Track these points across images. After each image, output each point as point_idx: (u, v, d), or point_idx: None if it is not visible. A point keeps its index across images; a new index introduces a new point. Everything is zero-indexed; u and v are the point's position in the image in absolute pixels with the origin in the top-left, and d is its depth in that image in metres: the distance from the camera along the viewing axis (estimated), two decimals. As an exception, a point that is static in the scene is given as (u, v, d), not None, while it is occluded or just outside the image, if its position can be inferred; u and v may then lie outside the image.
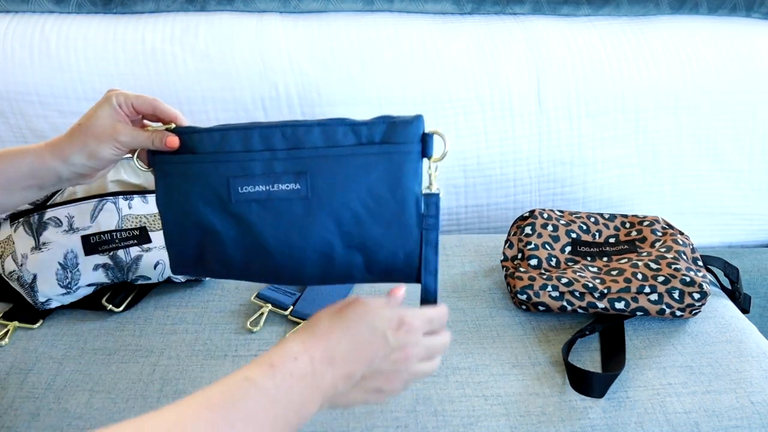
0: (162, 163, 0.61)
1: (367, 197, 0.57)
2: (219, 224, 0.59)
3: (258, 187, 0.58)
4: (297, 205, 0.58)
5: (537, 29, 1.17)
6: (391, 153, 0.57)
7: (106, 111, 0.60)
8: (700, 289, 0.79)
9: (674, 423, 0.67)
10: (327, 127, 0.57)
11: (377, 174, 0.57)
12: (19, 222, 0.78)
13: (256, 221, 0.58)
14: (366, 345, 0.51)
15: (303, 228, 0.58)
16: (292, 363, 0.47)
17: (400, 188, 0.57)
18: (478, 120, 1.12)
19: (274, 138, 0.58)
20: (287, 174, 0.57)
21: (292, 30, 1.12)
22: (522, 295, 0.81)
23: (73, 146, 0.60)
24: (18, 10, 1.11)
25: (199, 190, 0.59)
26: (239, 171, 0.58)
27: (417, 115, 0.58)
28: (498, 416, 0.67)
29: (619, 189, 1.21)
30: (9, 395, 0.68)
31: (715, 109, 1.17)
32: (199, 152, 0.59)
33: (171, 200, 0.61)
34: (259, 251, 0.60)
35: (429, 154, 0.58)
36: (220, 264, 0.62)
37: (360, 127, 0.57)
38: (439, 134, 0.57)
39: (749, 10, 1.23)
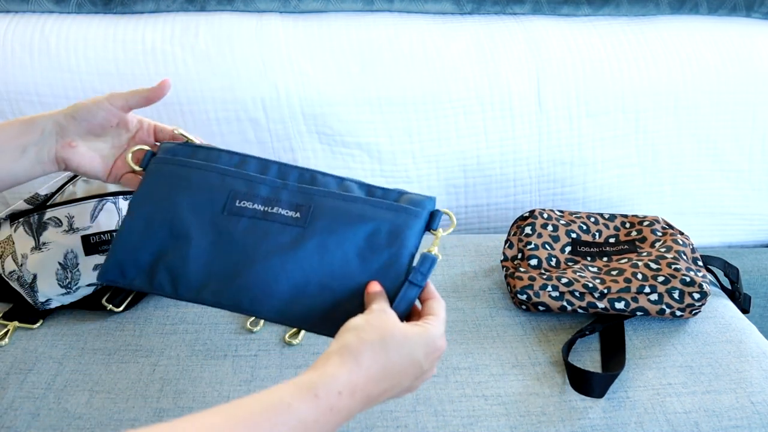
0: (161, 164, 0.61)
1: (363, 243, 0.58)
2: (195, 231, 0.59)
3: (257, 205, 0.59)
4: (288, 232, 0.58)
5: (537, 29, 1.16)
6: (399, 211, 0.59)
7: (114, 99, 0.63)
8: (700, 289, 0.79)
9: (674, 423, 0.67)
10: (344, 180, 0.61)
11: (380, 224, 0.58)
12: (19, 222, 0.78)
13: (240, 237, 0.58)
14: (402, 376, 0.50)
15: (285, 256, 0.57)
16: (335, 398, 0.45)
17: (398, 242, 0.58)
18: (478, 120, 1.12)
19: (291, 174, 0.61)
20: (291, 203, 0.59)
21: (292, 30, 1.12)
22: (522, 295, 0.81)
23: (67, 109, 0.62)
24: (18, 10, 1.12)
25: (192, 194, 0.60)
26: (244, 188, 0.60)
27: (431, 196, 0.61)
28: (498, 416, 0.67)
29: (619, 189, 1.21)
30: (9, 395, 0.68)
31: (715, 109, 1.17)
32: (213, 163, 0.61)
33: (153, 196, 0.61)
34: (227, 270, 0.58)
35: (433, 227, 0.60)
36: (170, 277, 0.59)
37: (375, 189, 0.60)
38: (448, 214, 0.60)
39: (749, 10, 1.23)
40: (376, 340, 0.49)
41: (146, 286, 0.60)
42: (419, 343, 0.51)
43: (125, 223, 0.60)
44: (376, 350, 0.49)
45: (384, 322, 0.51)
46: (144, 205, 0.60)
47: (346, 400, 0.46)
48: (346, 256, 0.58)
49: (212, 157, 0.62)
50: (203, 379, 0.71)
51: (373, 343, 0.49)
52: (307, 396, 0.44)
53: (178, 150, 0.63)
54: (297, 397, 0.44)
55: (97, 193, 0.81)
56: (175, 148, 0.63)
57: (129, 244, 0.60)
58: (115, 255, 0.60)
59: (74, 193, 0.80)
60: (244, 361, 0.74)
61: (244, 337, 0.78)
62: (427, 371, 0.52)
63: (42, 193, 0.79)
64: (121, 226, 0.61)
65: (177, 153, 0.63)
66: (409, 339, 0.50)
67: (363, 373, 0.47)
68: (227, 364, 0.74)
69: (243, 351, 0.76)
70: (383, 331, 0.50)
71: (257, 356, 0.75)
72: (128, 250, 0.60)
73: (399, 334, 0.50)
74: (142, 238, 0.60)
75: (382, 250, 0.58)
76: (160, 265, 0.60)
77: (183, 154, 0.63)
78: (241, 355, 0.75)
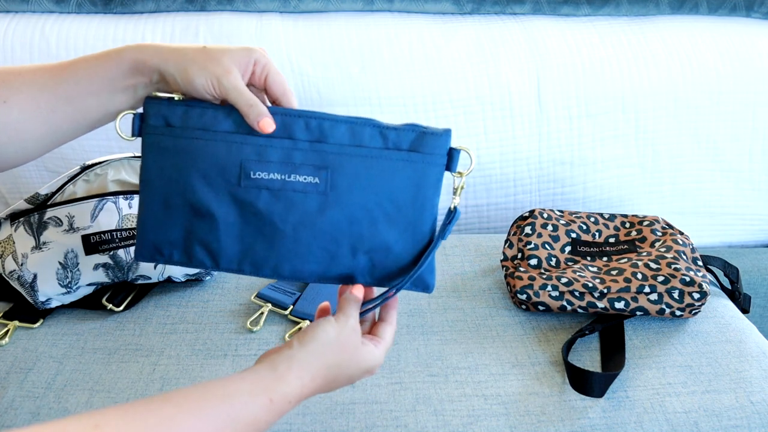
0: (157, 135, 0.57)
1: (387, 202, 0.57)
2: (218, 209, 0.56)
3: (273, 174, 0.56)
4: (312, 199, 0.56)
5: (537, 29, 1.17)
6: (416, 162, 0.57)
7: (239, 53, 0.56)
8: (700, 289, 0.79)
9: (674, 423, 0.67)
10: (354, 126, 0.56)
11: (400, 180, 0.57)
12: (20, 222, 0.79)
13: (265, 209, 0.56)
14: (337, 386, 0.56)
15: (314, 223, 0.57)
16: (286, 406, 0.51)
17: (421, 197, 0.58)
18: (478, 120, 1.12)
19: (296, 127, 0.56)
20: (307, 166, 0.56)
21: (292, 30, 1.12)
22: (522, 295, 0.81)
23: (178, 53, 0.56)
24: (18, 10, 1.12)
25: (202, 169, 0.56)
26: (254, 156, 0.56)
27: (446, 128, 0.58)
28: (498, 416, 0.67)
29: (619, 189, 1.21)
30: (9, 395, 0.68)
31: (715, 109, 1.17)
32: (212, 130, 0.56)
33: (162, 176, 0.57)
34: (260, 242, 0.57)
35: (453, 169, 0.58)
36: (206, 253, 0.58)
37: (388, 132, 0.57)
38: (466, 150, 0.58)
39: (749, 10, 1.23)
40: (336, 362, 0.54)
41: (186, 261, 0.59)
42: (365, 366, 0.57)
43: (143, 203, 0.58)
44: (330, 371, 0.54)
45: (349, 343, 0.55)
46: (155, 184, 0.57)
47: (291, 406, 0.52)
48: (372, 218, 0.57)
49: (208, 121, 0.56)
50: (203, 378, 0.71)
51: (332, 366, 0.54)
52: (263, 399, 0.49)
53: (169, 114, 0.57)
54: (255, 397, 0.49)
55: (98, 193, 0.81)
56: (165, 110, 0.57)
57: (154, 224, 0.58)
58: (144, 235, 0.59)
59: (74, 192, 0.80)
60: (244, 361, 0.74)
61: (244, 337, 0.78)
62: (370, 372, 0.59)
63: (42, 193, 0.79)
64: (140, 204, 0.58)
65: (169, 118, 0.57)
66: (359, 361, 0.56)
67: (312, 388, 0.53)
68: (227, 364, 0.74)
69: (243, 351, 0.76)
70: (346, 353, 0.55)
71: (257, 356, 0.74)
72: (155, 230, 0.58)
73: (354, 359, 0.56)
74: (165, 218, 0.58)
75: (407, 207, 0.58)
76: (194, 242, 0.58)
77: (176, 119, 0.56)
78: (241, 355, 0.75)
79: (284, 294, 0.83)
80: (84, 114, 0.58)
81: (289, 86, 0.59)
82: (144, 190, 0.58)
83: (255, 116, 0.55)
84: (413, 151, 0.57)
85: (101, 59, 0.57)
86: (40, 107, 0.56)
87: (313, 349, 0.53)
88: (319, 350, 0.53)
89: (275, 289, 0.84)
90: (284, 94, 0.58)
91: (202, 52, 0.55)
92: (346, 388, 0.69)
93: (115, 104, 0.58)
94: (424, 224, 0.58)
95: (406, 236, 0.58)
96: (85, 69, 0.57)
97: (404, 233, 0.58)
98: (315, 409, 0.67)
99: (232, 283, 0.87)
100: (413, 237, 0.59)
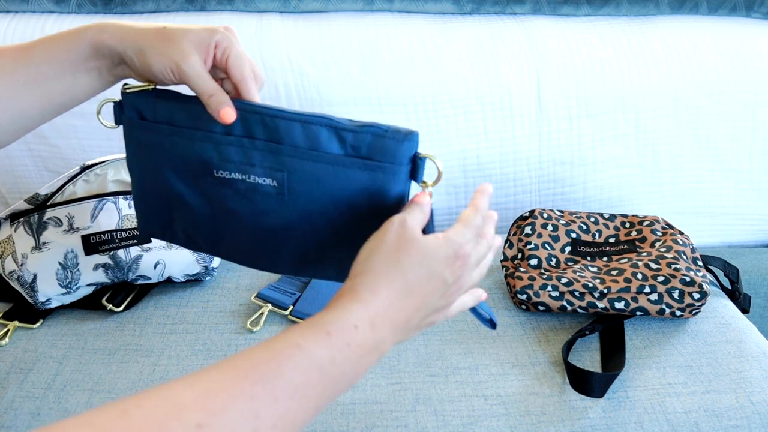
0: (132, 128, 0.56)
1: (347, 211, 0.53)
2: (191, 199, 0.56)
3: (234, 174, 0.54)
4: (273, 201, 0.54)
5: (537, 29, 1.16)
6: (374, 170, 0.51)
7: (200, 36, 0.52)
8: (700, 289, 0.79)
9: (674, 423, 0.67)
10: (310, 126, 0.51)
11: (358, 190, 0.52)
12: (19, 222, 0.78)
13: (231, 205, 0.55)
14: (426, 293, 0.47)
15: (277, 222, 0.55)
16: (351, 332, 0.42)
17: (384, 207, 0.52)
18: (478, 120, 1.12)
19: (255, 125, 0.53)
20: (264, 168, 0.53)
21: (292, 30, 1.12)
22: (522, 295, 0.81)
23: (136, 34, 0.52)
24: (18, 10, 1.12)
25: (172, 163, 0.55)
26: (215, 155, 0.54)
27: (410, 132, 0.50)
28: (498, 416, 0.67)
29: (619, 189, 1.21)
30: (9, 395, 0.68)
31: (715, 109, 1.17)
32: (176, 125, 0.54)
33: (139, 167, 0.58)
34: (231, 233, 0.57)
35: (418, 179, 0.52)
36: (188, 234, 0.59)
37: (345, 134, 0.51)
38: (431, 158, 0.50)
39: (749, 10, 1.23)
40: (389, 261, 0.46)
41: (183, 244, 0.61)
42: (438, 254, 0.47)
43: (133, 187, 0.60)
44: (390, 270, 0.45)
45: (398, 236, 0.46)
46: (135, 172, 0.59)
47: (366, 333, 0.42)
48: (333, 225, 0.54)
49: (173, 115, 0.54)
50: (203, 378, 0.71)
51: (387, 266, 0.45)
52: (318, 334, 0.41)
53: (141, 105, 0.55)
54: (308, 337, 0.41)
55: (97, 193, 0.81)
56: (137, 101, 0.56)
57: (144, 207, 0.60)
58: (138, 216, 0.61)
59: (74, 193, 0.80)
60: (244, 360, 0.74)
61: (244, 337, 0.77)
62: (454, 284, 0.48)
63: (42, 193, 0.79)
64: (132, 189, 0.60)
65: (142, 110, 0.56)
66: (425, 251, 0.46)
67: (380, 302, 0.44)
68: (227, 363, 0.73)
69: (243, 351, 0.75)
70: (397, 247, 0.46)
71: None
72: (146, 214, 0.60)
73: (414, 249, 0.46)
74: (149, 203, 0.59)
75: (369, 218, 0.52)
76: (175, 224, 0.59)
77: (148, 112, 0.55)
78: (241, 354, 0.75)
79: (284, 294, 0.83)
80: (48, 98, 0.56)
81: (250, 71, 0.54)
82: (131, 175, 0.60)
83: (215, 106, 0.51)
84: (370, 158, 0.51)
85: (59, 41, 0.55)
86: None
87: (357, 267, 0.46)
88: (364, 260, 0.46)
89: (275, 290, 0.84)
90: (242, 80, 0.53)
91: (160, 34, 0.52)
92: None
93: (80, 86, 0.56)
94: None
95: None
96: (43, 52, 0.54)
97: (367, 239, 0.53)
98: (315, 409, 0.67)
99: (232, 284, 0.87)
100: None
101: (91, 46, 0.54)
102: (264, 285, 0.86)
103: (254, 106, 0.53)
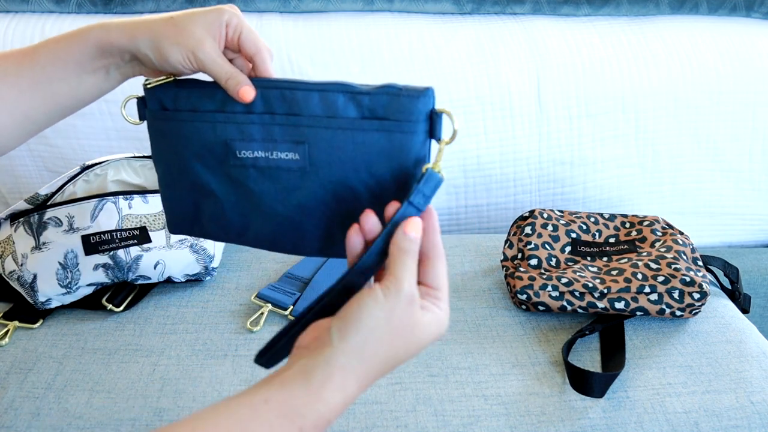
0: (155, 120, 0.57)
1: (367, 177, 0.53)
2: (216, 186, 0.57)
3: (257, 152, 0.54)
4: (295, 176, 0.54)
5: (537, 29, 1.17)
6: (392, 131, 0.51)
7: (209, 19, 0.52)
8: (700, 289, 0.79)
9: (674, 423, 0.67)
10: (327, 94, 0.52)
11: (377, 153, 0.51)
12: (20, 222, 0.79)
13: (254, 187, 0.55)
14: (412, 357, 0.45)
15: (301, 199, 0.55)
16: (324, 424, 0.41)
17: (402, 172, 0.52)
18: (478, 120, 1.12)
19: (274, 100, 0.53)
20: (285, 142, 0.53)
21: (292, 30, 1.12)
22: (522, 295, 0.81)
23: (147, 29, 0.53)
24: (18, 10, 1.12)
25: (195, 150, 0.56)
26: (237, 134, 0.54)
27: (426, 88, 0.50)
28: (498, 416, 0.67)
29: (619, 189, 1.21)
30: (9, 395, 0.68)
31: (715, 109, 1.17)
32: (199, 110, 0.55)
33: (165, 158, 0.58)
34: (257, 217, 0.57)
35: (437, 136, 0.51)
36: (216, 225, 0.59)
37: (362, 98, 0.51)
38: (447, 113, 0.50)
39: (749, 10, 1.23)
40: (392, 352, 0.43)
41: (204, 234, 0.61)
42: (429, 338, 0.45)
43: (160, 184, 0.60)
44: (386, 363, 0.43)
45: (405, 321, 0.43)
46: (160, 164, 0.59)
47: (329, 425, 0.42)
48: (355, 194, 0.53)
49: (194, 101, 0.55)
50: (203, 379, 0.71)
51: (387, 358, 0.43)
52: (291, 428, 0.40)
53: (163, 96, 0.56)
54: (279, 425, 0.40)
55: (97, 193, 0.81)
56: (159, 93, 0.56)
57: (170, 203, 0.60)
58: (166, 212, 0.61)
59: (74, 193, 0.80)
60: (244, 361, 0.74)
61: (244, 337, 0.78)
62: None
63: (42, 193, 0.79)
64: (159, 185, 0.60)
65: (164, 101, 0.56)
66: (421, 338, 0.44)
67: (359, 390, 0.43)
68: (227, 364, 0.74)
69: (243, 351, 0.75)
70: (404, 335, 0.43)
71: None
72: (172, 208, 0.60)
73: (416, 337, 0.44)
74: (177, 195, 0.59)
75: (389, 181, 0.52)
76: (204, 216, 0.59)
77: (169, 102, 0.56)
78: (241, 355, 0.75)
79: (284, 294, 0.83)
80: (54, 100, 0.55)
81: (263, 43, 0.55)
82: (157, 171, 0.60)
83: (234, 86, 0.52)
84: (388, 118, 0.51)
85: (63, 42, 0.54)
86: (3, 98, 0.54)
87: (357, 344, 0.42)
88: (365, 343, 0.42)
89: (275, 290, 0.84)
90: (258, 51, 0.54)
91: (171, 25, 0.52)
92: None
93: (86, 87, 0.56)
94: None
95: None
96: (47, 54, 0.54)
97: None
98: (315, 409, 0.67)
99: (232, 284, 0.87)
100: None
101: (97, 46, 0.54)
102: (264, 285, 0.86)
103: (272, 81, 0.53)
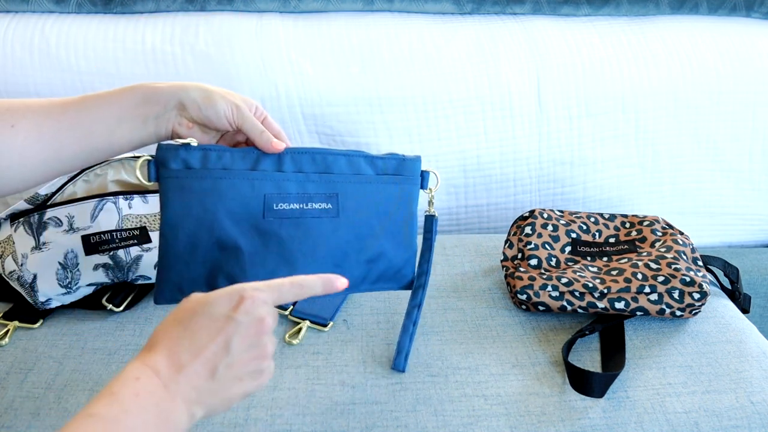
0: (179, 178, 0.60)
1: (383, 216, 0.69)
2: (244, 241, 0.61)
3: (292, 205, 0.64)
4: (326, 223, 0.65)
5: (537, 29, 1.17)
6: (402, 183, 0.71)
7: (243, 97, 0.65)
8: (700, 289, 0.79)
9: (674, 423, 0.67)
10: (351, 158, 0.67)
11: (391, 198, 0.70)
12: (19, 222, 0.79)
13: (287, 236, 0.63)
14: (212, 333, 0.47)
15: (328, 242, 0.66)
16: (133, 384, 0.44)
17: (405, 209, 0.71)
18: (478, 120, 1.12)
19: (304, 162, 0.65)
20: (320, 195, 0.65)
21: (292, 30, 1.12)
22: (522, 295, 0.81)
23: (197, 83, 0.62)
24: (18, 10, 1.12)
25: (228, 206, 0.61)
26: (274, 189, 0.63)
27: (417, 156, 0.72)
28: (498, 416, 0.67)
29: (619, 189, 1.21)
30: (9, 395, 0.68)
31: (715, 109, 1.17)
32: (233, 169, 0.62)
33: (188, 216, 0.60)
34: (283, 265, 0.63)
35: (425, 186, 0.73)
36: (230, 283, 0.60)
37: (377, 161, 0.69)
38: (433, 172, 0.73)
39: (749, 10, 1.23)
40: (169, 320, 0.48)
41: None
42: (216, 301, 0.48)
43: (168, 246, 0.61)
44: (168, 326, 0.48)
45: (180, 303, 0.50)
46: (183, 224, 0.60)
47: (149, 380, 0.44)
48: (373, 231, 0.69)
49: (228, 161, 0.61)
50: (203, 378, 0.71)
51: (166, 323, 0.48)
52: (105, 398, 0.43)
53: (188, 157, 0.60)
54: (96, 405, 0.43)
55: (98, 193, 0.81)
56: (183, 154, 0.60)
57: (179, 265, 0.61)
58: (168, 278, 0.62)
59: (74, 193, 0.80)
60: (244, 360, 0.74)
61: (244, 337, 0.77)
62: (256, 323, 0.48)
63: (42, 193, 0.79)
64: (162, 249, 0.61)
65: (189, 161, 0.60)
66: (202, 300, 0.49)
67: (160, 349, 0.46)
68: (227, 363, 0.73)
69: (243, 351, 0.75)
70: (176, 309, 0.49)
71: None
72: (180, 271, 0.62)
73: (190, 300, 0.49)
74: (191, 257, 0.61)
75: (397, 218, 0.71)
76: (219, 275, 0.62)
77: (195, 162, 0.60)
78: (241, 354, 0.75)
79: (284, 294, 0.83)
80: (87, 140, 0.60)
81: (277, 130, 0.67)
82: (168, 233, 0.61)
83: (267, 139, 0.62)
84: (397, 174, 0.70)
85: (113, 91, 0.60)
86: (42, 132, 0.58)
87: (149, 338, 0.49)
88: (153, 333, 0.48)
89: (275, 290, 0.84)
90: (279, 132, 0.66)
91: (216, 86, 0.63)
92: (346, 389, 0.69)
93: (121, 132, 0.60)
94: (409, 230, 0.72)
95: (395, 242, 0.71)
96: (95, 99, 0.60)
97: (394, 240, 0.71)
98: (315, 409, 0.67)
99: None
100: (402, 242, 0.72)
101: (144, 95, 0.60)
102: (264, 285, 0.86)
103: (298, 148, 0.65)
